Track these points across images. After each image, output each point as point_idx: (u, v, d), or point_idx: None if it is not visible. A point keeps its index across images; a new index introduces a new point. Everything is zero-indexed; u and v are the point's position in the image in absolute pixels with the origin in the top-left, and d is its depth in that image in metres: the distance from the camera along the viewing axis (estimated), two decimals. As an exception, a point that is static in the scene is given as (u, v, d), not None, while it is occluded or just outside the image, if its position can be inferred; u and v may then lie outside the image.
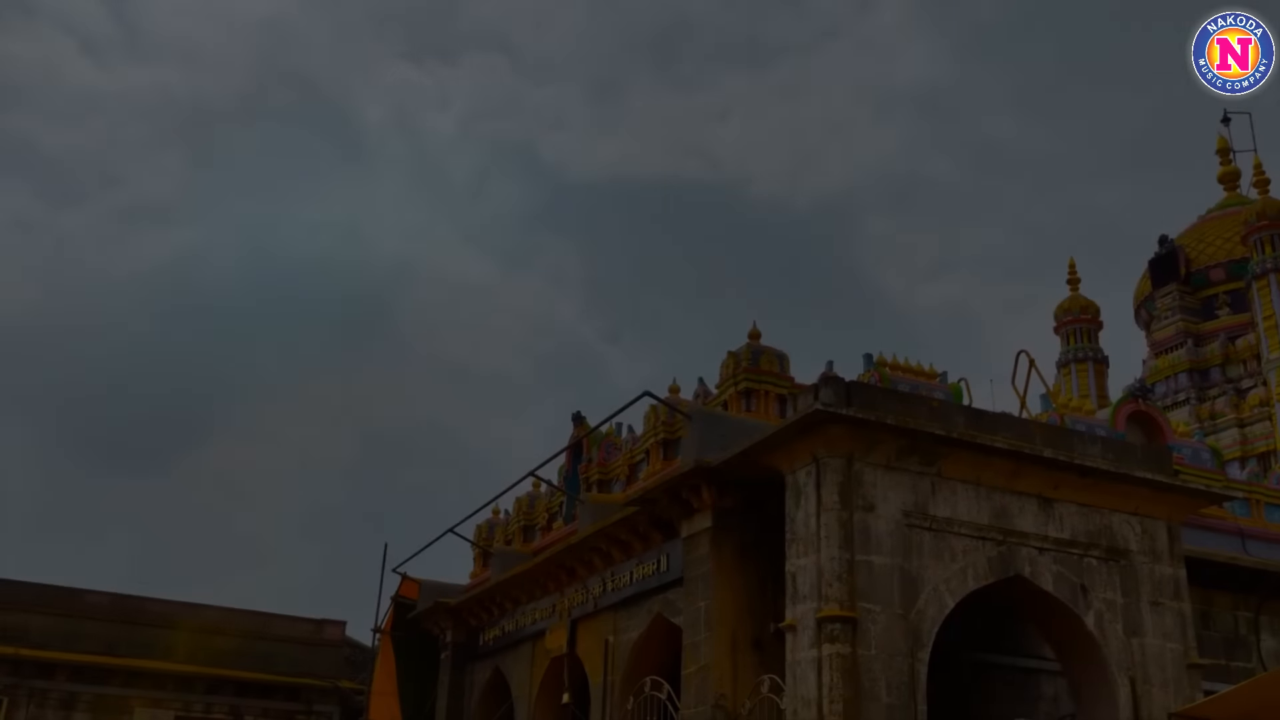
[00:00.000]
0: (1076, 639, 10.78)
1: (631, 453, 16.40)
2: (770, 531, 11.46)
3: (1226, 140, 30.35)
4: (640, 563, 13.15)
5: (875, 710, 9.32)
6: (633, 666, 13.13)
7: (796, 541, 10.10)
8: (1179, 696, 10.52)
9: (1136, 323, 30.38)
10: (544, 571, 15.30)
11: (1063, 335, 30.42)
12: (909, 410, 10.29)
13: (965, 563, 10.28)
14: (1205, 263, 28.49)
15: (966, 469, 10.43)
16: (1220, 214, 29.26)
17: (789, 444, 10.24)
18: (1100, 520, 11.03)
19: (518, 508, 19.62)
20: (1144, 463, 11.32)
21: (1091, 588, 10.76)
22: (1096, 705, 10.69)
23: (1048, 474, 10.75)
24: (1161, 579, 11.12)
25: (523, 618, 16.18)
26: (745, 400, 14.24)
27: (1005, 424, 10.91)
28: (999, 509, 10.55)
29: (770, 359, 14.49)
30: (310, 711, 23.02)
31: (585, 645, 14.30)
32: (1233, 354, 26.87)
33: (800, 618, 9.79)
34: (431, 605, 18.22)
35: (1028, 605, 11.04)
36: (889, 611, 9.68)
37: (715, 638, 11.21)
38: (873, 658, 9.46)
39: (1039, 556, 10.62)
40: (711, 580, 11.41)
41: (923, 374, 14.64)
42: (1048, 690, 12.78)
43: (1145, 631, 10.80)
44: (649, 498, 12.27)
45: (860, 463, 10.00)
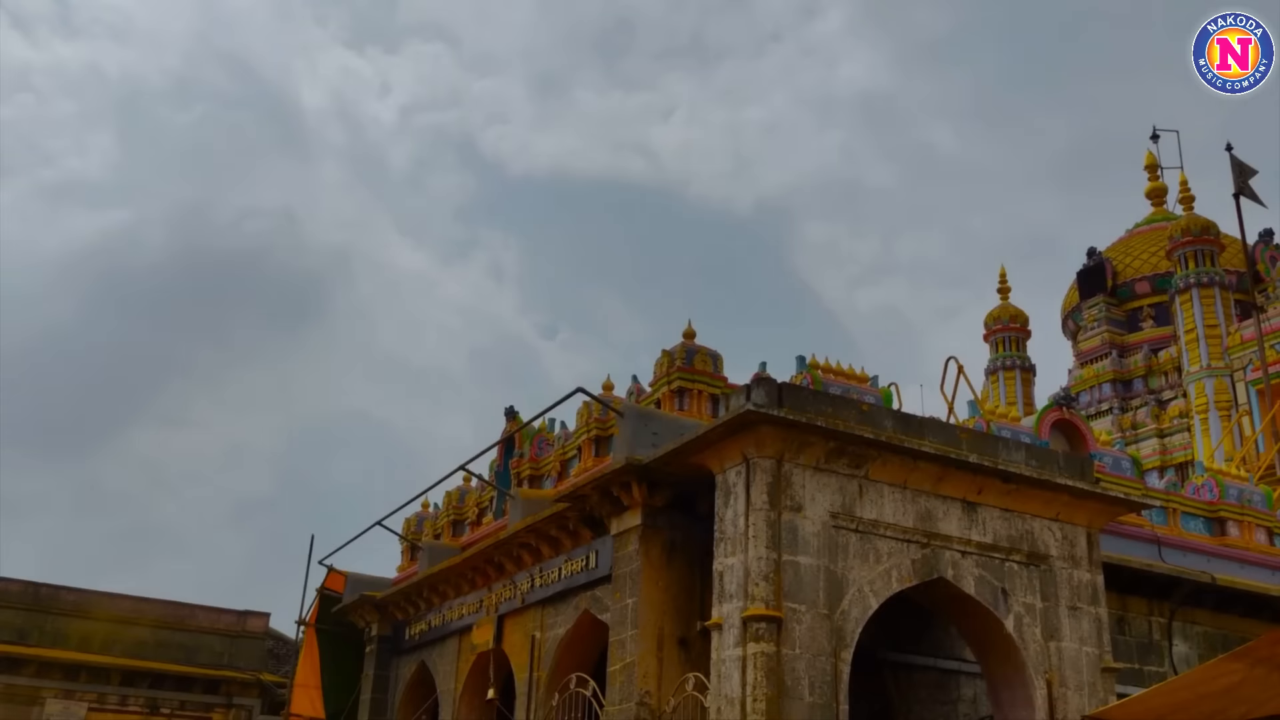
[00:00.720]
0: (996, 641, 10.96)
1: (564, 449, 16.36)
2: (700, 530, 11.52)
3: (1155, 157, 31.09)
4: (569, 559, 13.13)
5: (798, 709, 9.40)
6: (559, 663, 13.12)
7: (725, 540, 10.15)
8: (1093, 699, 10.75)
9: (1064, 333, 30.98)
10: (472, 566, 15.23)
11: (992, 343, 30.93)
12: (839, 413, 10.39)
13: (890, 564, 10.41)
14: (1131, 276, 29.14)
15: (894, 472, 10.56)
16: (1147, 228, 29.94)
17: (720, 443, 10.29)
18: (1022, 525, 11.23)
19: (447, 501, 19.48)
20: (1066, 470, 11.54)
21: (1012, 591, 10.95)
22: (1014, 707, 10.88)
23: (973, 479, 10.92)
24: (1080, 584, 11.35)
25: (450, 613, 16.08)
26: (678, 399, 14.28)
27: (933, 429, 11.06)
28: (924, 512, 10.69)
29: (704, 358, 14.54)
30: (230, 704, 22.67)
31: (512, 641, 14.25)
32: (1155, 366, 27.52)
33: (726, 616, 9.84)
34: (357, 598, 18.05)
35: (950, 608, 11.21)
36: (814, 611, 9.77)
37: (642, 635, 11.24)
38: (796, 657, 9.54)
39: (962, 560, 10.79)
40: (640, 578, 11.44)
41: (854, 377, 14.77)
42: (967, 692, 13.00)
43: (1063, 635, 11.02)
44: (579, 494, 12.26)
45: (790, 464, 10.08)
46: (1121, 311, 29.22)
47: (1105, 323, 28.86)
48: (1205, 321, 25.63)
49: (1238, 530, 17.06)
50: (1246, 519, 17.21)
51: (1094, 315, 29.11)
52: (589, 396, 13.68)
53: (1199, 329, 25.67)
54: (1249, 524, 17.22)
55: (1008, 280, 31.67)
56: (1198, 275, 26.18)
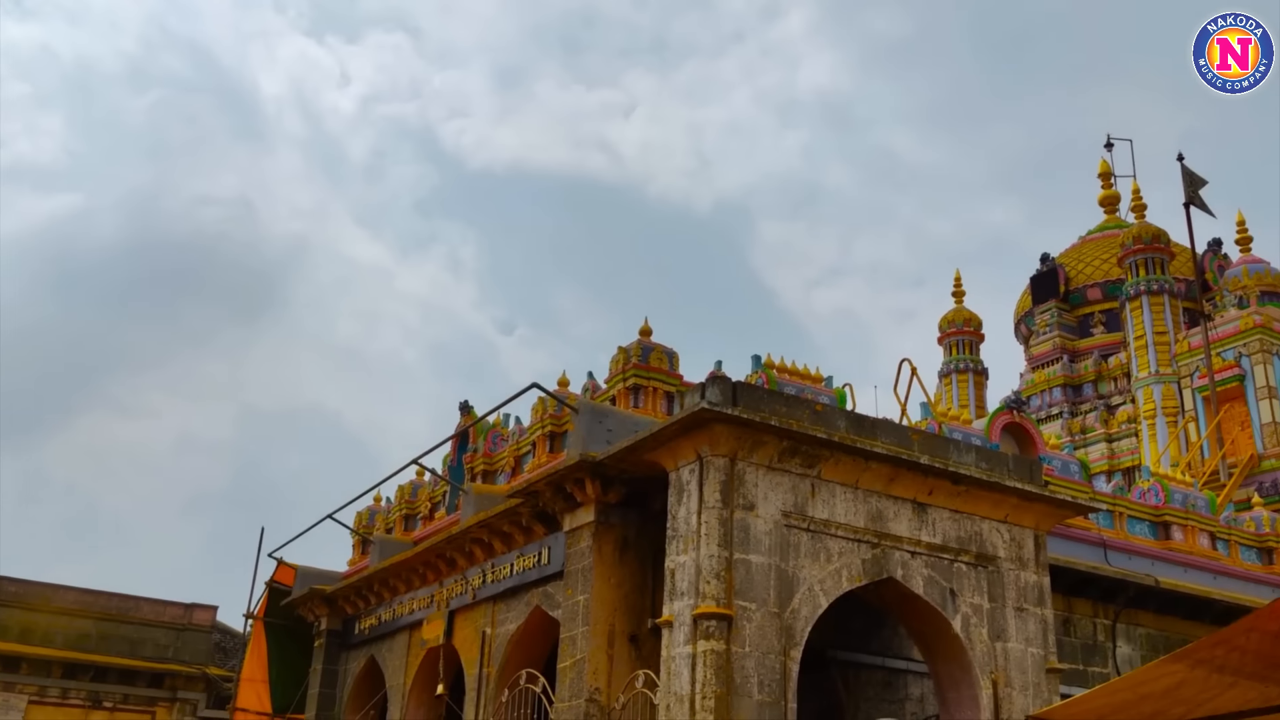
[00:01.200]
0: (944, 641, 11.06)
1: (518, 444, 16.31)
2: (653, 527, 11.53)
3: (1109, 165, 31.47)
4: (521, 555, 13.10)
5: (746, 707, 9.43)
6: (509, 659, 13.09)
7: (677, 538, 10.17)
8: (1037, 699, 10.88)
9: (1016, 337, 31.32)
10: (423, 561, 15.15)
11: (946, 346, 31.20)
12: (793, 412, 10.43)
13: (841, 564, 10.47)
14: (1083, 282, 29.50)
15: (846, 472, 10.63)
16: (1100, 235, 30.32)
17: (674, 441, 10.30)
18: (971, 527, 11.35)
19: (400, 495, 19.37)
20: (1015, 473, 11.67)
21: (960, 592, 11.06)
22: (960, 706, 10.99)
23: (924, 480, 11.01)
24: (1026, 585, 11.49)
25: (400, 607, 16.00)
26: (633, 396, 14.28)
27: (885, 430, 11.14)
28: (875, 512, 10.77)
29: (660, 356, 14.56)
30: (175, 698, 22.41)
31: (462, 636, 14.20)
32: (1105, 371, 27.89)
33: (677, 614, 9.86)
34: (307, 592, 17.90)
35: (899, 607, 11.30)
36: (764, 610, 9.81)
37: (593, 632, 11.23)
38: (746, 655, 9.57)
39: (911, 560, 10.88)
40: (592, 574, 11.43)
41: (809, 377, 14.85)
42: (915, 691, 13.11)
43: (1009, 636, 11.14)
44: (532, 490, 12.23)
45: (743, 462, 10.11)
46: (1073, 317, 29.58)
47: (1057, 328, 29.20)
48: (1154, 328, 26.01)
49: (1182, 534, 17.35)
50: (1190, 524, 17.50)
51: (1046, 320, 29.45)
52: (544, 392, 13.65)
53: (1148, 336, 26.04)
54: (1193, 528, 17.52)
55: (962, 284, 31.99)
56: (1148, 283, 26.56)
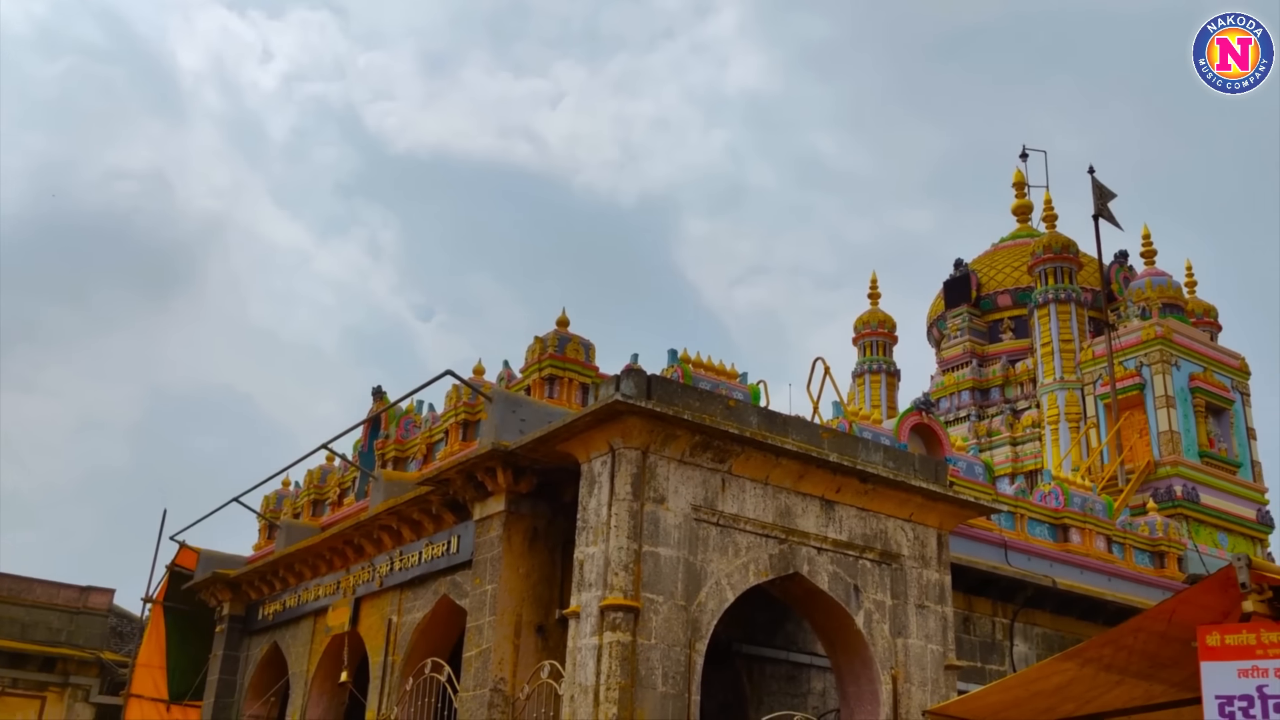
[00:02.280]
0: (846, 637, 11.24)
1: (430, 432, 16.19)
2: (563, 518, 11.54)
3: (1023, 175, 32.16)
4: (430, 543, 13.01)
5: (650, 699, 9.49)
6: (415, 647, 12.99)
7: (587, 529, 10.19)
8: (935, 695, 11.11)
9: (928, 340, 31.88)
10: (330, 547, 14.97)
11: (860, 347, 31.64)
12: (706, 407, 10.51)
13: (748, 558, 10.58)
14: (994, 288, 30.13)
15: (756, 468, 10.74)
16: (1012, 243, 30.98)
17: (587, 432, 10.32)
18: (877, 524, 11.54)
19: (309, 480, 19.10)
20: (921, 473, 11.89)
21: (864, 588, 11.25)
22: (860, 701, 11.19)
23: (832, 478, 11.17)
24: (928, 583, 11.72)
25: (305, 593, 15.78)
26: (549, 386, 14.25)
27: (796, 427, 11.27)
28: (784, 508, 10.90)
29: (576, 347, 14.55)
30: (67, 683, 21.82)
31: (368, 624, 14.06)
32: (1012, 376, 28.52)
33: (585, 605, 9.88)
34: (209, 576, 17.57)
35: (804, 602, 11.46)
36: (671, 603, 9.87)
37: (499, 621, 11.21)
38: (652, 647, 9.63)
39: (817, 556, 11.04)
40: (500, 564, 11.40)
41: (724, 373, 14.96)
42: (817, 685, 13.31)
43: (910, 632, 11.36)
44: (443, 478, 12.16)
45: (655, 455, 10.16)
46: (983, 322, 30.20)
47: (968, 332, 29.78)
48: (1060, 336, 26.67)
49: (1079, 537, 17.85)
50: (1088, 527, 18.02)
51: (957, 325, 30.02)
52: (458, 380, 13.56)
53: (1054, 343, 26.69)
54: (1090, 531, 18.05)
55: (879, 286, 32.46)
56: (1056, 291, 27.21)
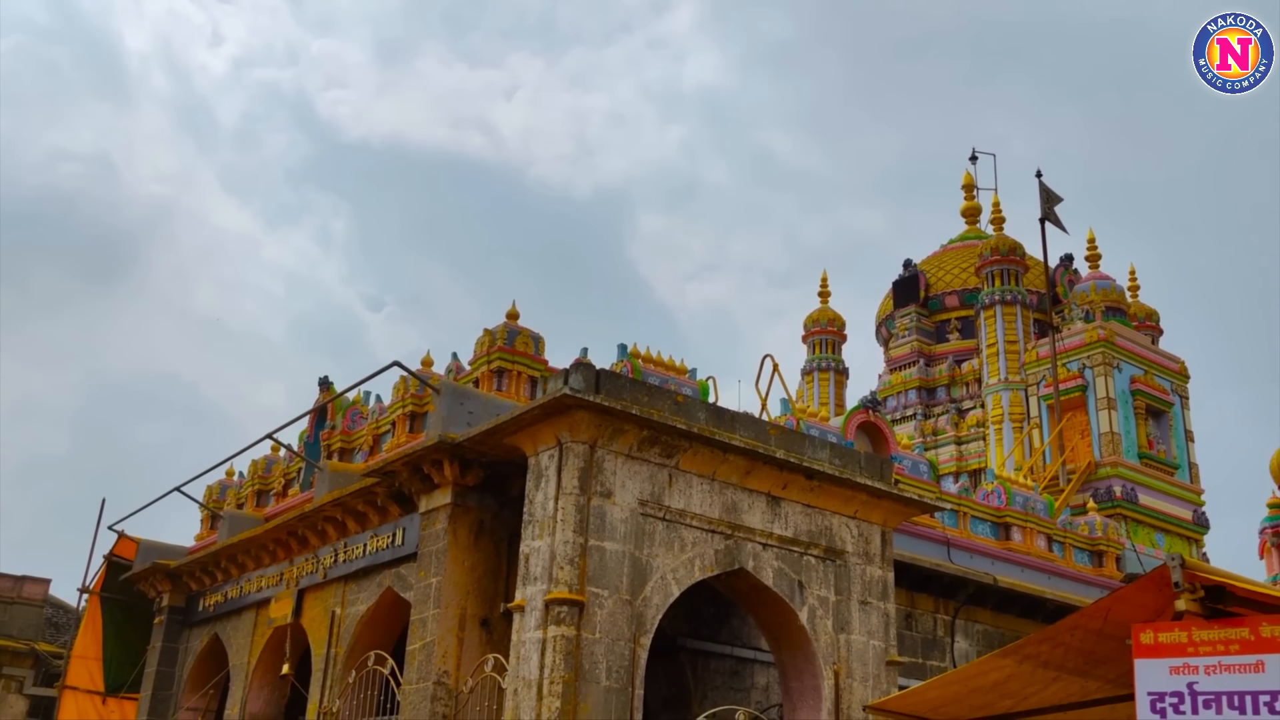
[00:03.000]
0: (790, 632, 11.31)
1: (377, 423, 16.07)
2: (510, 512, 11.51)
3: (973, 178, 32.52)
4: (375, 535, 12.92)
5: (594, 693, 9.50)
6: (358, 640, 12.90)
7: (533, 523, 10.16)
8: (876, 690, 11.22)
9: (877, 339, 32.14)
10: (274, 538, 14.81)
11: (809, 344, 31.85)
12: (654, 402, 10.52)
13: (694, 553, 10.62)
14: (942, 289, 30.45)
15: (704, 463, 10.77)
16: (960, 245, 31.33)
17: (534, 426, 10.29)
18: (822, 521, 11.63)
19: (253, 470, 18.89)
20: (866, 470, 11.99)
21: (808, 584, 11.33)
22: (802, 696, 11.27)
23: (779, 474, 11.23)
24: (871, 580, 11.83)
25: (247, 585, 15.61)
26: (497, 379, 14.20)
27: (744, 423, 11.32)
28: (730, 504, 10.95)
29: (526, 340, 14.51)
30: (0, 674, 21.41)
31: (311, 616, 13.93)
32: (958, 376, 28.85)
33: (530, 599, 9.86)
34: (149, 566, 17.32)
35: (749, 598, 11.51)
36: (616, 597, 9.88)
37: (444, 614, 11.15)
38: (596, 641, 9.63)
39: (763, 552, 11.09)
40: (446, 557, 11.34)
41: (673, 369, 15.00)
42: (760, 680, 13.40)
43: (853, 628, 11.46)
44: (389, 469, 12.07)
45: (603, 450, 10.16)
46: (931, 322, 30.51)
47: (915, 332, 30.07)
48: (1006, 337, 27.02)
49: (1021, 536, 18.11)
50: (1029, 525, 18.29)
51: (905, 324, 30.30)
52: (405, 371, 13.47)
53: (999, 344, 27.04)
54: (1031, 530, 18.31)
55: (829, 285, 32.68)
56: (1002, 293, 27.56)
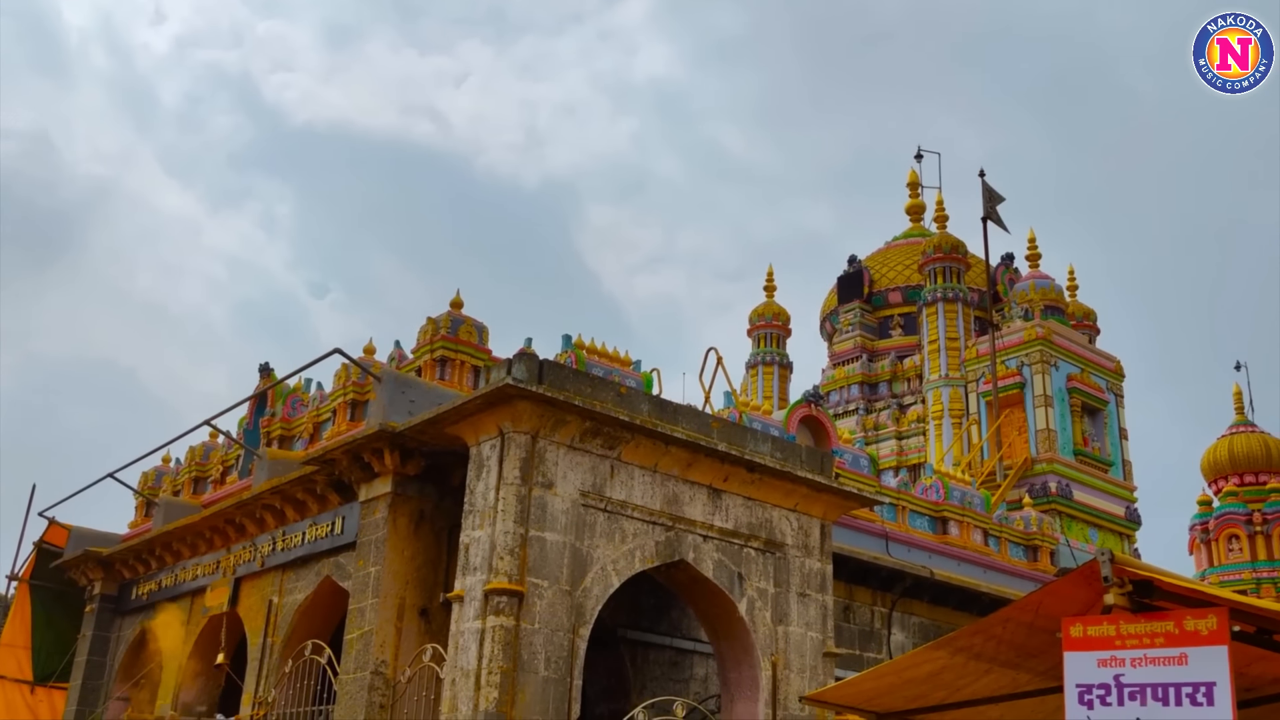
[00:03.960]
0: (729, 624, 11.38)
1: (318, 410, 15.90)
2: (450, 502, 11.45)
3: (917, 175, 32.90)
4: (315, 524, 12.79)
5: (532, 683, 9.49)
6: (296, 629, 12.77)
7: (474, 513, 10.12)
8: (814, 681, 11.33)
9: (821, 334, 32.41)
10: (211, 526, 14.61)
11: (754, 338, 32.04)
12: (597, 393, 10.52)
13: (635, 545, 10.64)
14: (886, 285, 30.77)
15: (645, 455, 10.79)
16: (904, 242, 31.67)
17: (476, 415, 10.24)
18: (762, 514, 11.70)
19: (190, 457, 18.61)
20: (807, 464, 12.09)
21: (748, 576, 11.40)
22: (740, 687, 11.34)
23: (720, 466, 11.28)
24: (810, 572, 11.93)
25: (183, 573, 15.38)
26: (440, 368, 14.12)
27: (686, 416, 11.35)
28: (671, 496, 10.98)
29: (470, 329, 14.44)
30: (-75, 662, 20.87)
31: (247, 605, 13.77)
32: (900, 372, 29.19)
33: (469, 589, 9.82)
34: (80, 553, 17.00)
35: (689, 589, 11.56)
36: (556, 588, 9.88)
37: (382, 604, 11.08)
38: (535, 631, 9.63)
39: (703, 544, 11.14)
40: (385, 546, 11.26)
41: (617, 360, 15.01)
42: (699, 671, 13.46)
43: (791, 620, 11.56)
44: (329, 458, 11.95)
45: (545, 440, 10.14)
46: (874, 318, 30.82)
47: (859, 328, 30.37)
48: (947, 334, 27.37)
49: (958, 530, 18.36)
50: (966, 520, 18.54)
51: (849, 320, 30.59)
52: (346, 359, 13.33)
53: (941, 341, 27.38)
54: (968, 524, 18.57)
55: (774, 279, 32.88)
56: (944, 290, 27.91)
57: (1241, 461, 31.13)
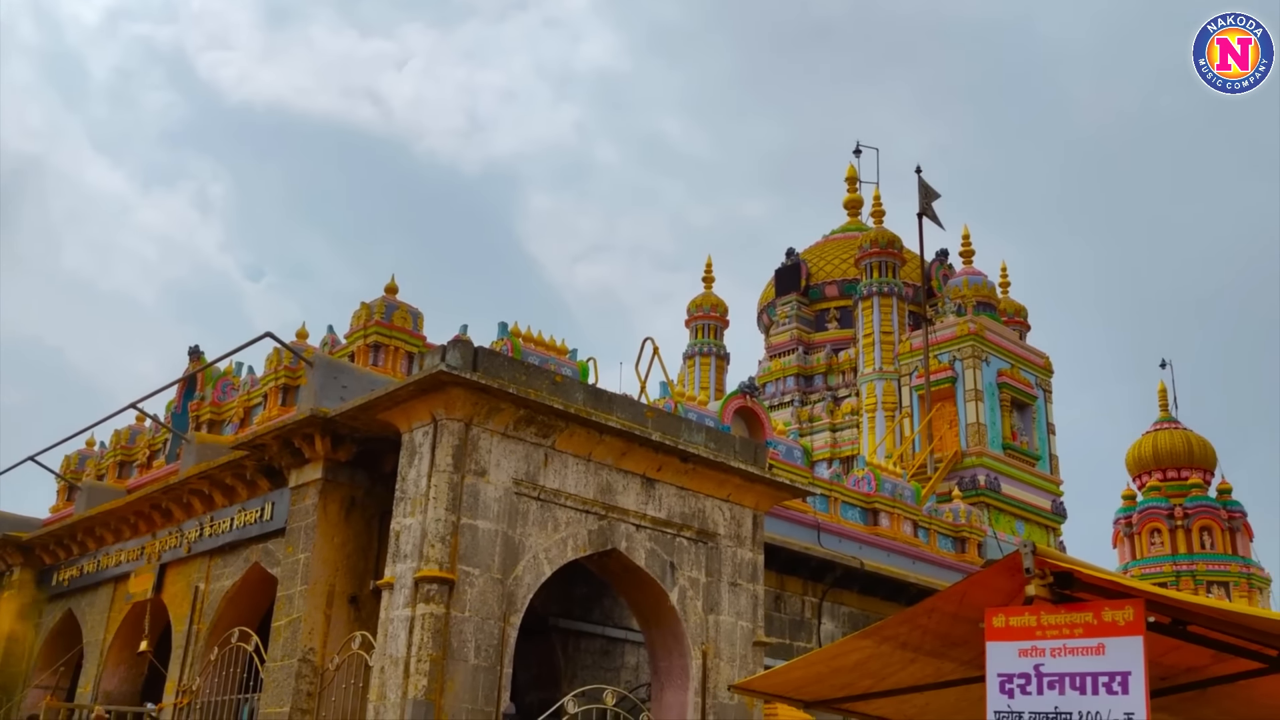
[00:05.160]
0: (660, 612, 11.42)
1: (249, 395, 15.65)
2: (382, 488, 11.35)
3: (856, 170, 33.18)
4: (244, 509, 12.60)
5: (461, 671, 9.44)
6: (223, 616, 12.58)
7: (406, 500, 10.04)
8: (743, 670, 11.41)
9: (759, 326, 32.57)
10: (136, 511, 14.33)
11: (692, 329, 32.11)
12: (532, 382, 10.48)
13: (568, 533, 10.62)
14: (823, 279, 30.99)
15: (580, 444, 10.77)
16: (841, 236, 31.92)
17: (409, 402, 10.15)
18: (696, 504, 11.74)
19: (115, 441, 18.23)
20: (741, 454, 12.15)
21: (680, 566, 11.44)
22: (671, 675, 11.38)
23: (654, 456, 11.30)
24: (742, 562, 12.01)
25: (106, 559, 15.08)
26: (374, 354, 13.96)
27: (621, 405, 11.35)
28: (605, 485, 10.98)
29: (404, 315, 14.30)
30: None
31: (173, 591, 13.54)
32: (835, 365, 29.44)
33: (399, 576, 9.75)
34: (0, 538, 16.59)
35: (621, 578, 11.58)
36: (487, 576, 9.83)
37: (311, 591, 10.95)
38: (465, 620, 9.58)
39: (636, 533, 11.16)
40: (315, 532, 11.13)
41: (554, 349, 14.96)
42: (630, 660, 13.49)
43: (722, 609, 11.62)
44: (259, 443, 11.78)
45: (478, 428, 10.08)
46: (811, 311, 31.04)
47: (795, 320, 30.56)
48: (881, 328, 27.65)
49: (888, 521, 18.59)
50: (897, 511, 18.78)
51: (786, 312, 30.77)
52: (278, 343, 13.15)
53: (875, 334, 27.65)
54: (899, 516, 18.81)
55: (713, 271, 32.97)
56: (880, 285, 28.19)
57: (1165, 457, 31.93)
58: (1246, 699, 6.18)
